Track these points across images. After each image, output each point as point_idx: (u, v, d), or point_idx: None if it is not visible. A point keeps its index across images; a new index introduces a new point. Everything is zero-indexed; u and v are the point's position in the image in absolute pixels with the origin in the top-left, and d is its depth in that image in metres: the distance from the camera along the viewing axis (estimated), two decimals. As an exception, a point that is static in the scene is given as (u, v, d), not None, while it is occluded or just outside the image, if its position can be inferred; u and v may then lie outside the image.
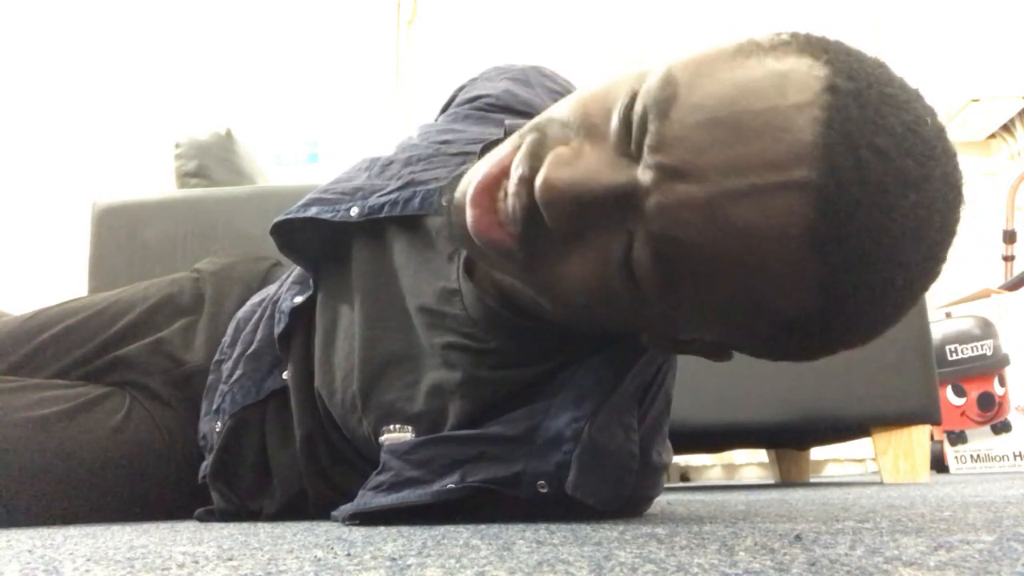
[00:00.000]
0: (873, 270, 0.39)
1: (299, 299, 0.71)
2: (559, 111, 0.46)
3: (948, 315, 2.22)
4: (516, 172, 0.44)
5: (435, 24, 3.21)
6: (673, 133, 0.39)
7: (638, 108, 0.41)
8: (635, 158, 0.41)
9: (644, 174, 0.40)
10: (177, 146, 1.66)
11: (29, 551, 0.42)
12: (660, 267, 0.41)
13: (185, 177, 1.63)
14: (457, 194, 0.49)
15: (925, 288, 0.43)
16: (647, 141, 0.40)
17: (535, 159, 0.44)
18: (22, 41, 3.17)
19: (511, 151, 0.46)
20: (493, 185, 0.46)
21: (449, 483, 0.55)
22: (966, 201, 0.41)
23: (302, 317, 0.71)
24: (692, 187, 0.39)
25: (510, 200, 0.44)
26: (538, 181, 0.42)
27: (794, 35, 0.42)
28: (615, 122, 0.43)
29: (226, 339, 0.82)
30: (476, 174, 0.47)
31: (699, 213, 0.39)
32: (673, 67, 0.42)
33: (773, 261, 0.39)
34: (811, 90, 0.38)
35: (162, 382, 0.81)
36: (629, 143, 0.42)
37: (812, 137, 0.37)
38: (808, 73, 0.39)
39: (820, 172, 0.37)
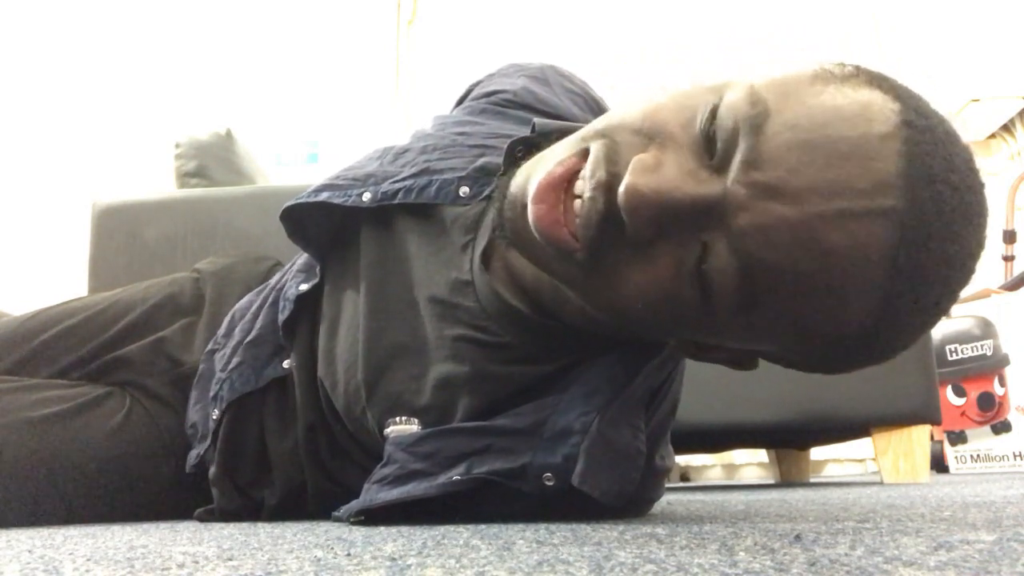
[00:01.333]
0: (931, 292, 0.42)
1: (305, 287, 0.71)
2: (628, 119, 0.46)
3: (948, 315, 2.22)
4: (594, 176, 0.44)
5: (435, 24, 3.21)
6: (768, 150, 0.40)
7: (725, 122, 0.42)
8: (717, 170, 0.42)
9: (736, 189, 0.41)
10: (177, 146, 1.66)
11: (29, 551, 0.42)
12: (742, 281, 0.42)
13: (185, 177, 1.63)
14: (514, 188, 0.50)
15: (954, 301, 0.46)
16: (739, 156, 0.41)
17: (613, 164, 0.44)
18: (22, 41, 3.17)
19: (576, 154, 0.46)
20: (559, 184, 0.46)
21: (455, 475, 0.55)
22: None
23: (307, 305, 0.71)
24: (786, 208, 0.40)
25: (585, 204, 0.44)
26: (623, 187, 0.42)
27: (858, 68, 0.44)
28: (696, 132, 0.43)
29: (221, 330, 0.81)
30: (538, 171, 0.47)
31: (791, 234, 0.40)
32: (756, 86, 0.43)
33: (850, 281, 0.41)
34: (891, 122, 0.40)
35: (162, 382, 0.81)
36: (711, 155, 0.43)
37: (896, 168, 0.40)
38: (885, 105, 0.41)
39: (904, 202, 0.39)
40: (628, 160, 0.43)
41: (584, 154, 0.46)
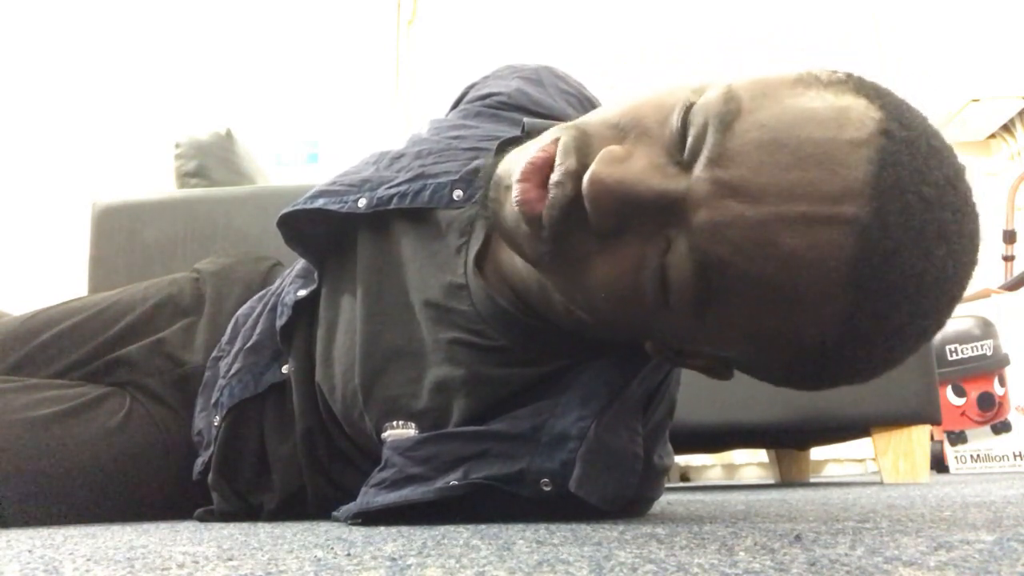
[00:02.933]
0: (897, 311, 0.40)
1: (303, 292, 0.71)
2: (605, 113, 0.46)
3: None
4: (563, 163, 0.44)
5: (435, 24, 3.21)
6: (734, 147, 0.40)
7: (697, 119, 0.41)
8: (686, 167, 0.42)
9: (698, 185, 0.40)
10: (177, 146, 1.66)
11: (29, 551, 0.42)
12: (698, 280, 0.41)
13: (185, 177, 1.63)
14: (500, 171, 0.49)
15: (930, 338, 0.44)
16: (705, 152, 0.40)
17: (583, 154, 0.44)
18: (22, 41, 3.17)
19: (555, 142, 0.46)
20: (544, 166, 0.45)
21: (452, 480, 0.55)
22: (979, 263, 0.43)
23: (305, 310, 0.71)
24: (745, 207, 0.39)
25: (553, 189, 0.44)
26: (587, 175, 0.42)
27: (849, 75, 0.43)
28: (670, 129, 0.43)
29: (224, 336, 0.82)
30: (522, 157, 0.47)
31: (748, 234, 0.39)
32: (734, 85, 0.42)
33: (808, 289, 0.39)
34: (867, 129, 0.39)
35: (162, 383, 0.81)
36: (682, 152, 0.42)
37: (865, 176, 0.38)
38: (865, 113, 0.40)
39: (869, 211, 0.38)
40: (599, 150, 0.43)
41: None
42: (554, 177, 0.44)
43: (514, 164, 0.47)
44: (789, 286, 0.39)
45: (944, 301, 0.41)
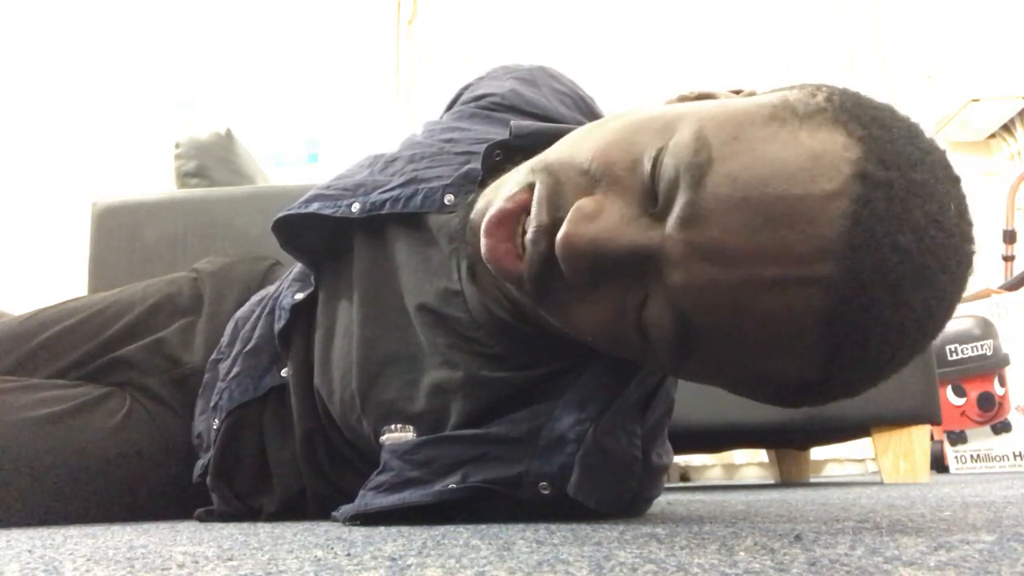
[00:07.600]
0: (877, 352, 0.40)
1: (300, 296, 0.71)
2: (577, 158, 0.46)
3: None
4: (536, 219, 0.44)
5: (435, 24, 3.21)
6: (705, 206, 0.39)
7: (668, 170, 0.41)
8: (659, 218, 0.41)
9: (671, 245, 0.40)
10: (177, 146, 1.66)
11: (29, 551, 0.42)
12: (677, 332, 0.42)
13: (185, 177, 1.63)
14: (475, 215, 0.50)
15: (920, 353, 0.44)
16: (677, 211, 0.40)
17: (555, 208, 0.44)
18: (22, 41, 3.17)
19: (524, 189, 0.46)
20: (508, 219, 0.46)
21: (450, 483, 0.55)
22: (975, 271, 0.42)
23: (303, 314, 0.71)
24: (718, 270, 0.39)
25: (528, 248, 0.44)
26: (560, 235, 0.42)
27: (829, 99, 0.41)
28: (641, 178, 0.42)
29: (224, 339, 0.82)
30: (493, 203, 0.47)
31: (721, 297, 0.39)
32: (705, 126, 0.41)
33: (785, 345, 0.40)
34: (841, 177, 0.38)
35: (161, 382, 0.81)
36: (654, 202, 0.42)
37: (837, 233, 0.37)
38: (840, 155, 0.38)
39: (841, 270, 0.38)
40: (571, 202, 0.43)
41: (532, 188, 0.46)
42: (529, 236, 0.44)
43: (486, 211, 0.48)
44: (765, 342, 0.40)
45: (929, 331, 0.41)
